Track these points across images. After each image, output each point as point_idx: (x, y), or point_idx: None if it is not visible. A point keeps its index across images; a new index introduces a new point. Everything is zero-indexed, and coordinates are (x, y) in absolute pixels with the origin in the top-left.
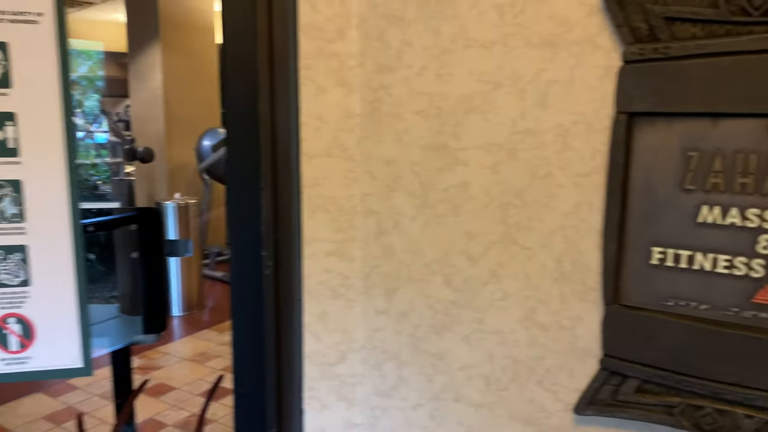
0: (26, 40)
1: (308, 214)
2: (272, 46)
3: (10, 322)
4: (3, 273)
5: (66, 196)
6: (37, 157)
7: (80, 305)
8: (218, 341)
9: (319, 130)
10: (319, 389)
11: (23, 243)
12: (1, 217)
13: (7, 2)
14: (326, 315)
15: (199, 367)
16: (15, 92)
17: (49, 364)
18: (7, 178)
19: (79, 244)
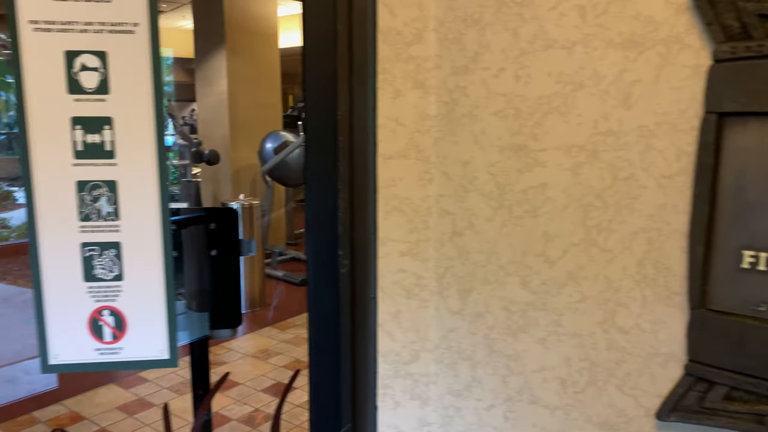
0: (123, 50)
1: (383, 214)
2: (351, 51)
3: (105, 314)
4: (98, 268)
5: (157, 195)
6: (131, 159)
7: (167, 299)
8: (280, 339)
9: (395, 132)
10: (392, 387)
11: (117, 240)
12: (97, 216)
13: (107, 14)
14: (400, 314)
15: (262, 364)
16: (112, 98)
17: (138, 354)
18: (104, 179)
19: (168, 241)
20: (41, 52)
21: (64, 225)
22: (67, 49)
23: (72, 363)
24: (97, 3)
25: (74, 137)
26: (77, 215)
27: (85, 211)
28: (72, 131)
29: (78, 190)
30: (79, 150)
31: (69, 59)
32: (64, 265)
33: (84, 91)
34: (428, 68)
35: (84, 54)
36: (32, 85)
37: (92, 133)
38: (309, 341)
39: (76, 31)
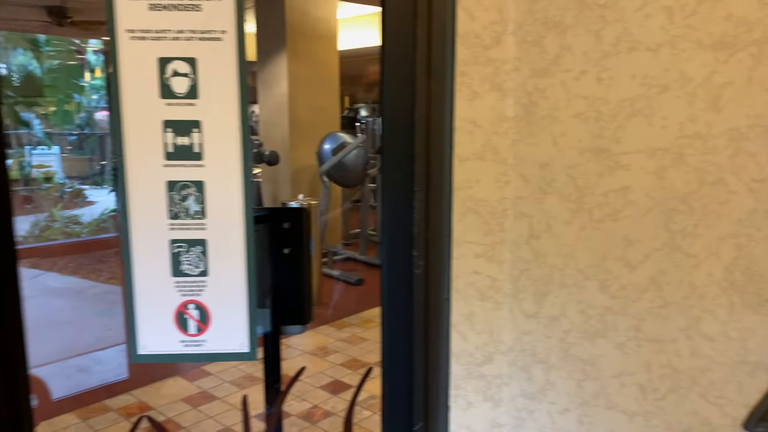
0: (211, 56)
1: (459, 216)
2: (430, 55)
3: (190, 308)
4: (185, 264)
5: (241, 195)
6: (218, 161)
7: (248, 295)
8: (337, 337)
9: (472, 133)
10: (465, 388)
11: (203, 237)
12: (185, 214)
13: (197, 23)
14: (474, 316)
15: (320, 361)
16: (201, 102)
17: (220, 347)
18: (192, 179)
19: (250, 239)
20: (137, 59)
21: (154, 222)
22: (160, 56)
23: (159, 354)
24: (189, 12)
25: (165, 140)
26: (167, 213)
27: (175, 209)
28: (163, 134)
29: (168, 189)
30: (170, 152)
31: (162, 65)
32: (154, 260)
33: (175, 95)
34: (506, 71)
35: (175, 60)
36: (128, 90)
37: (182, 135)
38: (382, 340)
39: (169, 39)
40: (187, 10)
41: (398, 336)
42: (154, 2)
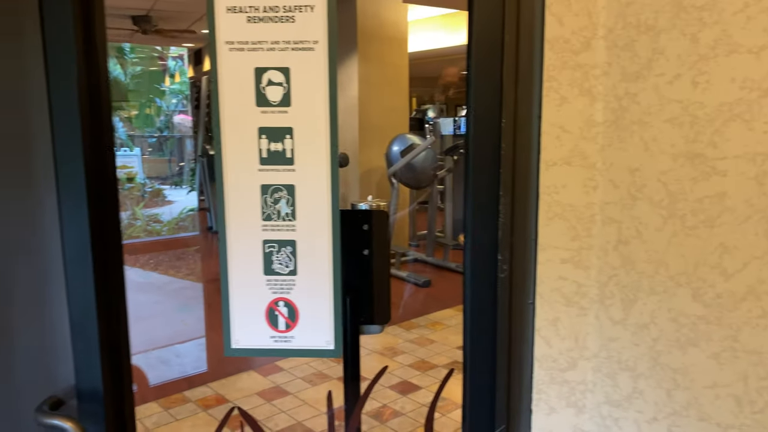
0: (304, 65)
1: (545, 221)
2: (518, 60)
3: (280, 305)
4: (276, 263)
5: (329, 199)
6: (308, 165)
7: (334, 295)
8: (405, 338)
9: (559, 138)
10: (547, 393)
11: (293, 238)
12: (277, 216)
13: (291, 33)
14: (558, 321)
15: (388, 361)
16: (293, 110)
17: (307, 344)
18: (284, 183)
19: (337, 241)
20: (235, 69)
21: (249, 224)
22: (256, 66)
23: (250, 348)
24: (284, 24)
25: (260, 145)
26: (260, 215)
27: (267, 211)
28: (258, 140)
29: (262, 192)
30: (264, 157)
31: (258, 75)
32: (248, 259)
33: (269, 103)
34: (596, 75)
35: (270, 70)
36: (226, 99)
37: (275, 141)
38: (464, 342)
39: (265, 49)
40: (282, 21)
41: (481, 339)
42: (252, 15)
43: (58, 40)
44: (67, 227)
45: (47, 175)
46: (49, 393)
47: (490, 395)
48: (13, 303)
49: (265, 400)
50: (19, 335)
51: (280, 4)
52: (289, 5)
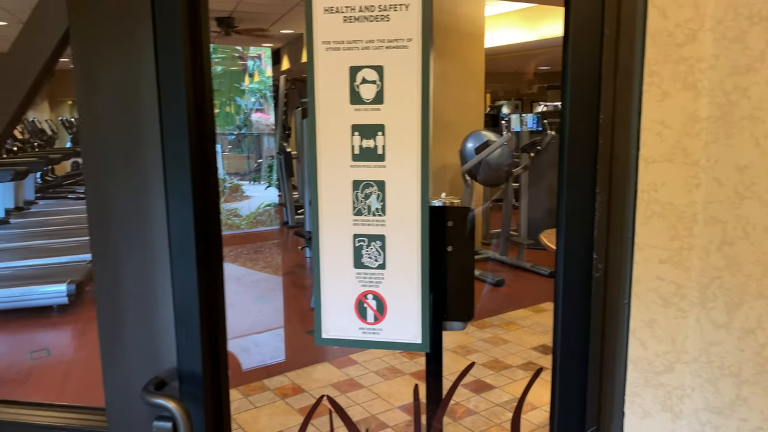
0: (397, 63)
1: (643, 219)
2: (617, 55)
3: (369, 298)
4: (366, 257)
5: (418, 195)
6: (398, 162)
7: (422, 290)
8: (478, 337)
9: (660, 135)
10: (642, 396)
11: (382, 233)
12: (368, 211)
13: (385, 32)
14: (655, 323)
15: (461, 359)
16: (385, 108)
17: (394, 337)
18: (375, 179)
19: (425, 237)
20: (330, 68)
21: (340, 218)
22: (351, 65)
23: (339, 338)
24: (378, 23)
25: (353, 142)
26: (352, 210)
27: (358, 206)
28: (351, 137)
29: (353, 188)
30: (356, 153)
31: (352, 74)
32: (339, 253)
33: (363, 101)
34: (701, 69)
35: (365, 68)
36: (322, 97)
37: (367, 138)
38: (555, 341)
39: (360, 48)
40: (377, 20)
41: (573, 338)
42: (348, 15)
43: (168, 46)
44: (174, 223)
45: (156, 173)
46: (154, 374)
47: (580, 396)
48: (126, 292)
49: (340, 391)
50: (129, 321)
51: (375, 4)
52: (385, 4)
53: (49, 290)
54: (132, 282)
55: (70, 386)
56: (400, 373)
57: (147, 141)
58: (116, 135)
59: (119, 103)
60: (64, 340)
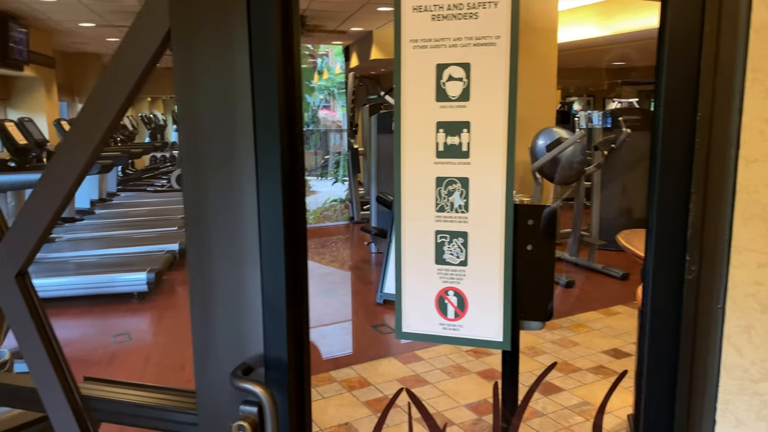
0: (484, 61)
1: (741, 221)
2: (718, 50)
3: (450, 294)
4: (447, 253)
5: (503, 192)
6: (483, 159)
7: (504, 288)
8: (546, 338)
9: (763, 133)
10: (735, 404)
11: (465, 230)
12: (450, 208)
13: (473, 30)
14: (751, 329)
15: (528, 360)
16: (471, 105)
17: (475, 334)
18: (459, 176)
19: (509, 235)
20: (417, 66)
21: (423, 214)
22: (438, 63)
23: (420, 333)
24: (467, 21)
25: (437, 139)
26: (434, 206)
27: (441, 203)
28: (436, 134)
29: (436, 185)
30: (440, 150)
31: (439, 71)
32: (421, 248)
33: (449, 98)
34: None
35: (451, 66)
36: (407, 94)
37: (452, 135)
38: (639, 344)
39: (447, 46)
40: (465, 18)
41: (662, 342)
42: (436, 13)
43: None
44: (264, 216)
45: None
46: (241, 360)
47: (669, 402)
48: (217, 282)
49: (405, 386)
50: (219, 309)
51: (464, 2)
52: (474, 2)
53: (130, 278)
54: (223, 272)
55: (149, 370)
56: (466, 371)
57: (240, 137)
58: (212, 131)
59: (215, 101)
60: (144, 326)
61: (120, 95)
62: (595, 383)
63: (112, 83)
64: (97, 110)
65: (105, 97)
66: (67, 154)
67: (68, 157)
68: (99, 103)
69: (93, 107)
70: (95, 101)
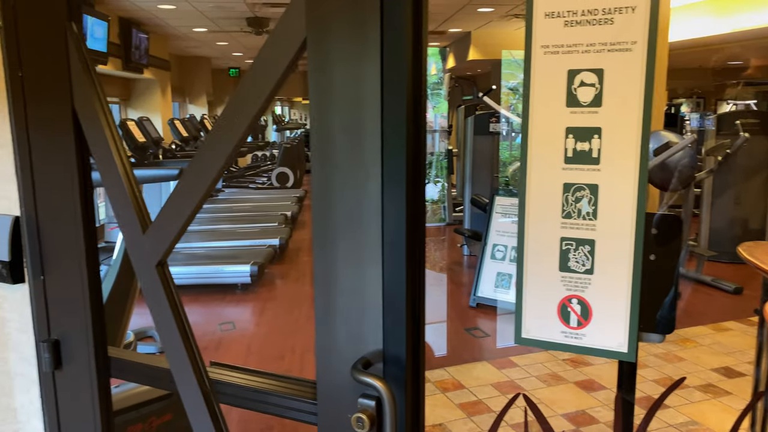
0: (618, 66)
1: None
2: None
3: (573, 302)
4: (573, 261)
5: (634, 201)
6: (614, 166)
7: (632, 298)
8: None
9: None
10: None
11: (591, 237)
12: (577, 215)
13: (608, 35)
14: None
15: None
16: (603, 111)
17: (597, 343)
18: (587, 182)
19: (639, 243)
20: (547, 71)
21: (548, 220)
22: (569, 68)
23: (539, 339)
24: (601, 26)
25: (566, 145)
26: (560, 213)
27: (567, 209)
28: (565, 139)
29: (563, 191)
30: (569, 156)
31: (570, 77)
32: (544, 255)
33: (579, 104)
34: None
35: (583, 72)
36: (537, 100)
37: (582, 141)
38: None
39: (579, 52)
40: (600, 24)
41: None
42: (569, 19)
43: (394, 52)
44: (387, 216)
45: (374, 170)
46: (361, 355)
47: None
48: (340, 278)
49: (500, 392)
50: (342, 305)
51: (599, 7)
52: (609, 7)
53: (235, 270)
54: (346, 269)
55: (252, 357)
56: (563, 380)
57: (368, 140)
58: (341, 133)
59: (346, 104)
60: (246, 316)
61: (259, 97)
62: (703, 402)
63: (252, 86)
64: (237, 111)
65: (245, 99)
66: (208, 154)
67: (208, 156)
68: (239, 105)
69: (234, 108)
70: (236, 103)
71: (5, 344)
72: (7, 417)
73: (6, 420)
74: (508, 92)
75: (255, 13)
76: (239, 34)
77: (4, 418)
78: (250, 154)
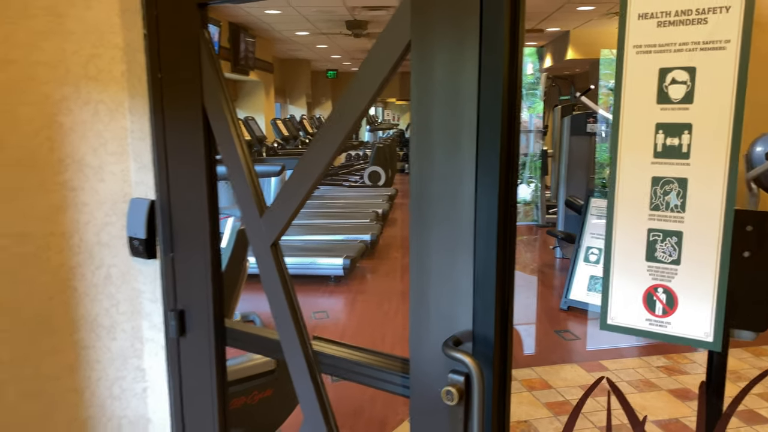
0: (711, 64)
1: None
2: None
3: (659, 291)
4: (659, 251)
5: (723, 196)
6: (704, 161)
7: (719, 289)
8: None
9: None
10: None
11: (679, 229)
12: (665, 207)
13: (701, 35)
14: None
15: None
16: (694, 107)
17: (683, 332)
18: (676, 176)
19: (727, 237)
20: (639, 70)
21: (636, 212)
22: (661, 67)
23: (624, 326)
24: (695, 26)
25: (656, 140)
26: (648, 205)
27: (655, 202)
28: (654, 135)
29: (652, 184)
30: (658, 151)
31: (662, 75)
32: (632, 245)
33: (670, 101)
34: None
35: (675, 70)
36: (628, 98)
37: (671, 137)
38: None
39: (671, 51)
40: (693, 24)
41: None
42: (662, 20)
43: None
44: (480, 206)
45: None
46: (451, 333)
47: None
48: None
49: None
50: (435, 286)
51: (692, 7)
52: (703, 8)
53: (328, 263)
54: (439, 253)
55: None
56: (655, 387)
57: (465, 136)
58: (440, 129)
59: (445, 102)
60: (339, 307)
61: (365, 96)
62: None
63: (360, 86)
64: (346, 109)
65: (353, 98)
66: (318, 147)
67: (318, 149)
68: (348, 103)
69: (343, 106)
70: (345, 102)
71: (139, 312)
72: (137, 376)
73: (137, 379)
74: (607, 92)
75: (354, 16)
76: (338, 36)
77: (136, 377)
78: (344, 154)
